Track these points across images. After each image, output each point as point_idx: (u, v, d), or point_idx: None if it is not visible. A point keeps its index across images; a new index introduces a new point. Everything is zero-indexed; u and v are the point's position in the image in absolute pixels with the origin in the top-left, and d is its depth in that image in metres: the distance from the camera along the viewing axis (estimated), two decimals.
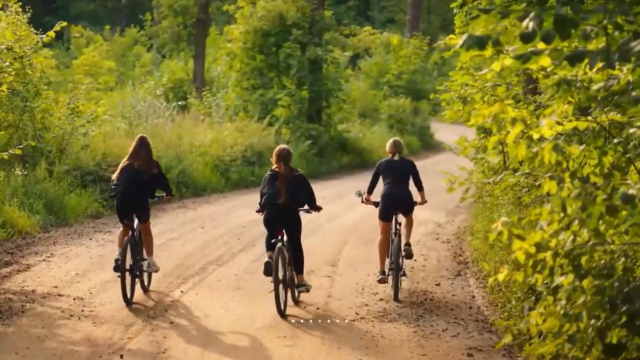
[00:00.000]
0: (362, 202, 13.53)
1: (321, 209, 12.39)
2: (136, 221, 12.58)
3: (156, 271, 12.87)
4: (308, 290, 12.34)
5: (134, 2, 60.38)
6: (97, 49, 44.36)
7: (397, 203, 13.14)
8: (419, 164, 15.19)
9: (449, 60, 56.54)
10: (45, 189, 18.26)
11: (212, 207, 21.41)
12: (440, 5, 70.85)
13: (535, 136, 8.10)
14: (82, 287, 12.84)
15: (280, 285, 11.63)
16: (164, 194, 12.99)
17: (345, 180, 27.38)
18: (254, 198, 23.32)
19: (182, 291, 12.88)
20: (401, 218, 13.38)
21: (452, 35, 8.81)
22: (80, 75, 39.49)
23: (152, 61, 45.18)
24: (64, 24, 16.94)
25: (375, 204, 13.38)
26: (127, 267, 11.94)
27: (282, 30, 30.91)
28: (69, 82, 39.37)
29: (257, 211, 12.38)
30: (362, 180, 28.17)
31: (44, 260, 14.67)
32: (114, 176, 12.53)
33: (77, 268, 14.11)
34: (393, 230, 13.17)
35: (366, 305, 12.46)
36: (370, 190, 13.49)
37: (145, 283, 12.77)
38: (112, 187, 12.48)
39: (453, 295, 13.21)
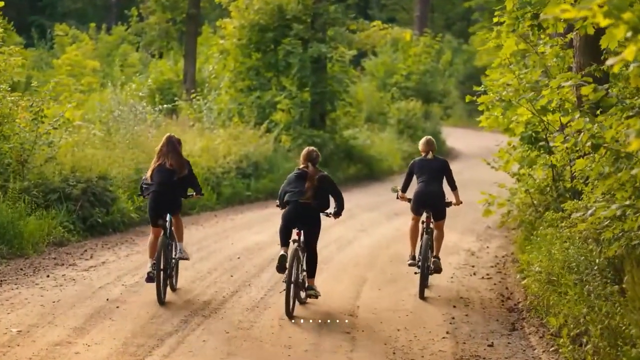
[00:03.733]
0: (397, 198, 13.70)
1: (340, 215, 12.30)
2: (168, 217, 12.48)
3: (187, 259, 12.90)
4: (317, 297, 11.97)
5: None
6: (81, 48, 41.09)
7: (429, 201, 13.16)
8: None
9: (456, 60, 53.48)
10: None
11: (201, 231, 18.10)
12: (444, 3, 67.93)
13: None
14: (21, 355, 9.55)
15: (292, 286, 11.43)
16: (194, 192, 12.95)
17: (354, 195, 24.09)
18: (249, 218, 20.16)
19: None
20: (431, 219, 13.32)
21: (565, 5, 5.57)
22: (63, 76, 36.25)
23: (141, 61, 41.99)
24: (1, 4, 13.72)
25: (410, 201, 13.50)
26: (161, 267, 11.88)
27: (282, 24, 27.74)
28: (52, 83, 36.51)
29: (277, 205, 12.16)
30: (372, 194, 25.05)
31: None
32: (147, 176, 12.46)
33: (21, 322, 10.81)
34: (424, 226, 13.22)
35: None
36: (405, 189, 13.63)
37: (174, 283, 12.73)
38: (144, 187, 12.49)
39: None
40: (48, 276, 13.38)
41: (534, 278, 12.26)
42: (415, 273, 13.15)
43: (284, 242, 11.80)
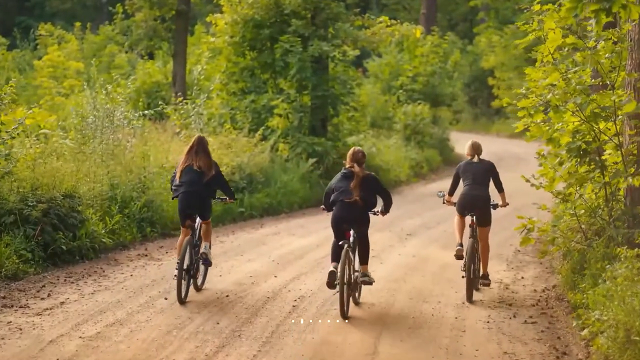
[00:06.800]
0: (443, 202, 13.78)
1: (388, 212, 12.45)
2: (198, 220, 12.73)
3: (209, 263, 12.80)
4: (371, 283, 12.19)
5: None
6: (65, 49, 38.57)
7: (473, 204, 13.09)
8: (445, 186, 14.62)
9: (460, 62, 50.86)
10: None
11: None
12: (447, 4, 65.51)
13: None
14: None
15: (345, 287, 11.47)
16: (226, 198, 13.17)
17: None
18: (242, 240, 17.45)
19: None
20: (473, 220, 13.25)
21: None
22: (44, 79, 33.85)
23: (130, 62, 39.39)
24: None
25: (455, 204, 13.44)
26: (185, 267, 12.07)
27: (279, 20, 25.19)
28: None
29: (323, 208, 12.42)
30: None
31: None
32: (176, 177, 12.61)
33: None
34: (470, 230, 13.12)
35: None
36: (451, 192, 13.64)
37: (199, 283, 12.85)
38: (173, 188, 12.63)
39: None
40: None
41: (600, 330, 9.62)
42: (463, 277, 12.85)
43: (335, 257, 11.79)
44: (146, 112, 21.69)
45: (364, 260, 12.13)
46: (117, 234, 16.07)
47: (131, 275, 13.88)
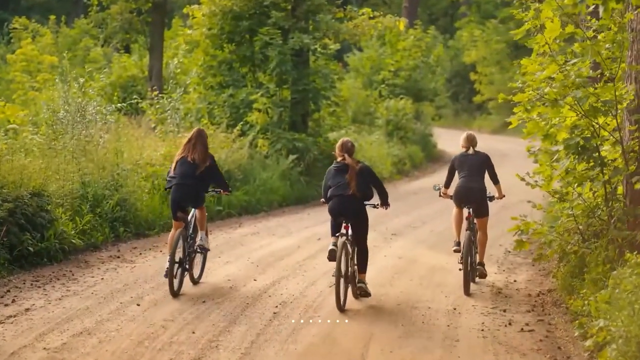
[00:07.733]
0: (440, 195, 13.68)
1: (388, 205, 12.24)
2: (192, 212, 12.67)
3: (207, 249, 12.76)
4: (368, 296, 11.95)
5: None
6: (40, 43, 37.70)
7: (469, 197, 13.03)
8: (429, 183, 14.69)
9: (443, 56, 50.28)
10: None
11: (159, 260, 14.55)
12: None
13: None
14: None
15: (341, 280, 11.40)
16: (221, 190, 13.06)
17: None
18: (219, 241, 16.56)
19: None
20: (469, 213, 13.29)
21: None
22: (18, 73, 32.96)
23: (106, 56, 38.52)
24: None
25: (452, 197, 13.38)
26: (177, 259, 11.95)
27: (259, 12, 24.43)
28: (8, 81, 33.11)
29: (323, 202, 12.17)
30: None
31: None
32: (170, 169, 12.58)
33: None
34: (467, 222, 13.11)
35: None
36: (447, 185, 13.60)
37: (196, 276, 12.79)
38: (167, 179, 12.63)
39: None
40: None
41: (606, 342, 8.91)
42: (460, 270, 12.90)
43: (334, 233, 11.84)
44: (119, 105, 20.87)
45: (363, 268, 11.96)
46: (88, 235, 15.27)
47: (102, 278, 13.09)
